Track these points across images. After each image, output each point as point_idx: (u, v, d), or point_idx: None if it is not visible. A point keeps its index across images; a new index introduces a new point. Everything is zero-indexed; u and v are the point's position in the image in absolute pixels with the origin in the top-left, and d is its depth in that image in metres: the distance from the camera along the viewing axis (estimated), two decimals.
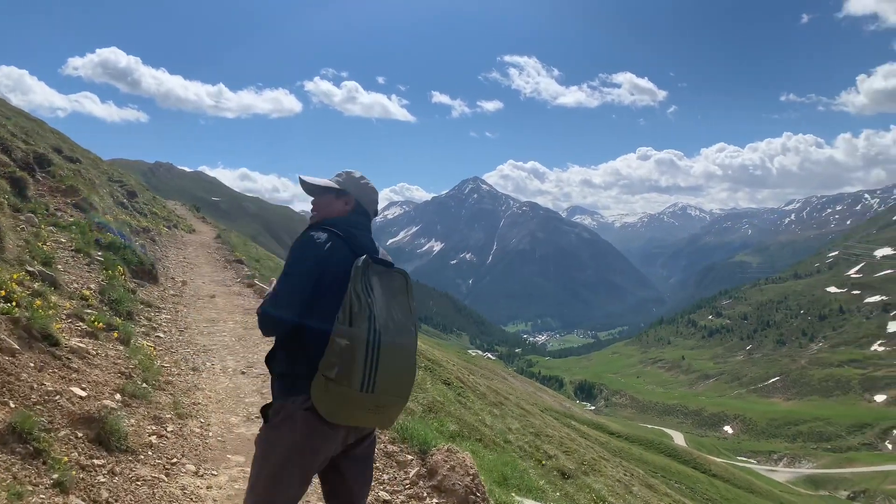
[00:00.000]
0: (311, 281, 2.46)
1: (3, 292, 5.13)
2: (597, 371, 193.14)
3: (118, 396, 4.97)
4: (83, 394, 4.60)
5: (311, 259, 2.49)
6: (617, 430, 52.44)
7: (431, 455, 5.11)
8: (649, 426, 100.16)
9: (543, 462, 15.55)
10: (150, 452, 4.43)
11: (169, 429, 4.91)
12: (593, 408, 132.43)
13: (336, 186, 2.77)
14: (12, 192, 9.71)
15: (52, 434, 3.87)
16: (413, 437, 5.36)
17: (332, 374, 2.29)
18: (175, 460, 4.47)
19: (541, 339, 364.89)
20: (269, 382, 2.96)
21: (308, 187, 2.81)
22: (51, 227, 9.54)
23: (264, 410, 2.56)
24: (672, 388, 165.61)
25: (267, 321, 2.49)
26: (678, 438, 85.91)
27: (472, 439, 9.21)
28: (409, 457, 5.12)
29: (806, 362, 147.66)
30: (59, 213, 10.99)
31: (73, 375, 4.86)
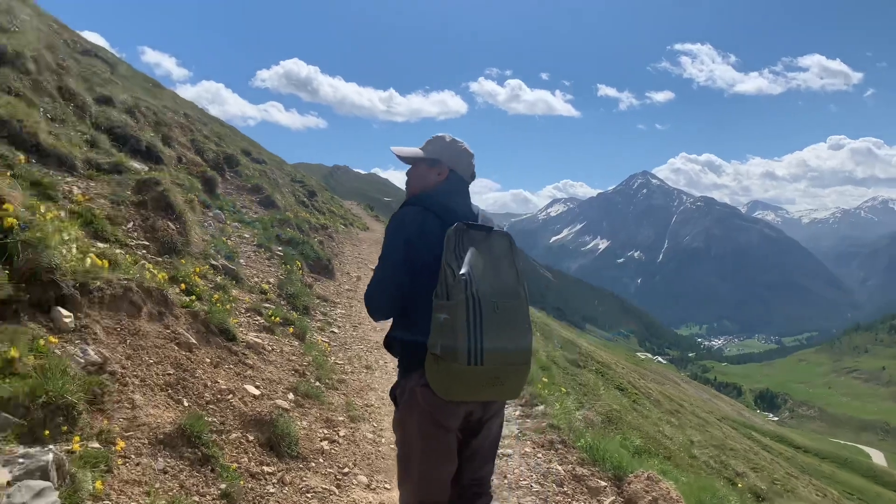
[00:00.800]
0: (406, 262, 2.38)
1: (183, 286, 5.11)
2: (780, 379, 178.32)
3: (291, 396, 4.75)
4: (256, 392, 4.41)
5: (402, 240, 2.39)
6: (803, 444, 48.02)
7: (629, 482, 4.38)
8: (841, 442, 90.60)
9: (734, 482, 14.07)
10: (321, 460, 4.12)
11: (341, 433, 4.60)
12: (776, 419, 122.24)
13: (426, 156, 2.63)
14: (203, 190, 10.19)
15: (223, 436, 3.65)
16: (605, 458, 4.64)
17: (437, 350, 2.19)
18: (347, 470, 4.13)
19: (717, 343, 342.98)
20: None
21: (400, 159, 2.69)
22: (236, 223, 9.88)
23: (392, 394, 2.50)
24: (870, 401, 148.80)
25: (371, 307, 2.44)
26: (878, 457, 77.20)
27: (660, 456, 8.27)
28: (602, 482, 4.41)
29: None
30: (244, 210, 11.45)
31: (248, 372, 4.70)
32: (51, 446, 2.65)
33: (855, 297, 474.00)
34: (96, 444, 2.90)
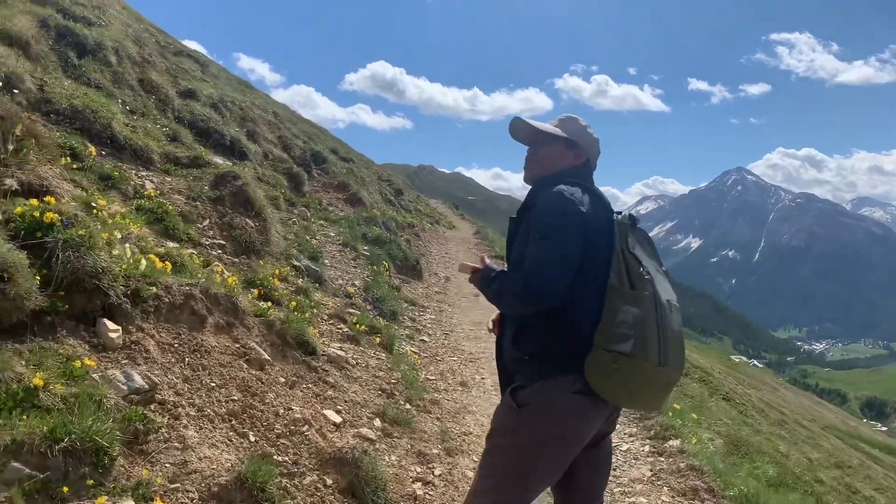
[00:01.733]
0: (580, 243, 2.06)
1: (258, 291, 4.49)
2: (890, 387, 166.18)
3: (377, 423, 4.03)
4: (338, 419, 3.72)
5: (578, 217, 2.08)
6: None
7: None
8: None
9: None
10: None
11: (436, 472, 3.82)
12: (885, 429, 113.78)
13: (567, 136, 2.33)
14: (289, 186, 9.75)
15: (295, 481, 2.95)
16: None
17: (626, 348, 1.94)
18: None
19: (818, 347, 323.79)
20: None
21: (530, 133, 2.35)
22: (321, 222, 9.37)
23: (514, 393, 2.13)
24: None
25: (540, 289, 2.01)
26: None
27: (800, 490, 7.12)
28: None
29: None
30: (330, 208, 10.97)
31: (329, 393, 4.02)
32: None
33: None
34: (130, 503, 2.25)
